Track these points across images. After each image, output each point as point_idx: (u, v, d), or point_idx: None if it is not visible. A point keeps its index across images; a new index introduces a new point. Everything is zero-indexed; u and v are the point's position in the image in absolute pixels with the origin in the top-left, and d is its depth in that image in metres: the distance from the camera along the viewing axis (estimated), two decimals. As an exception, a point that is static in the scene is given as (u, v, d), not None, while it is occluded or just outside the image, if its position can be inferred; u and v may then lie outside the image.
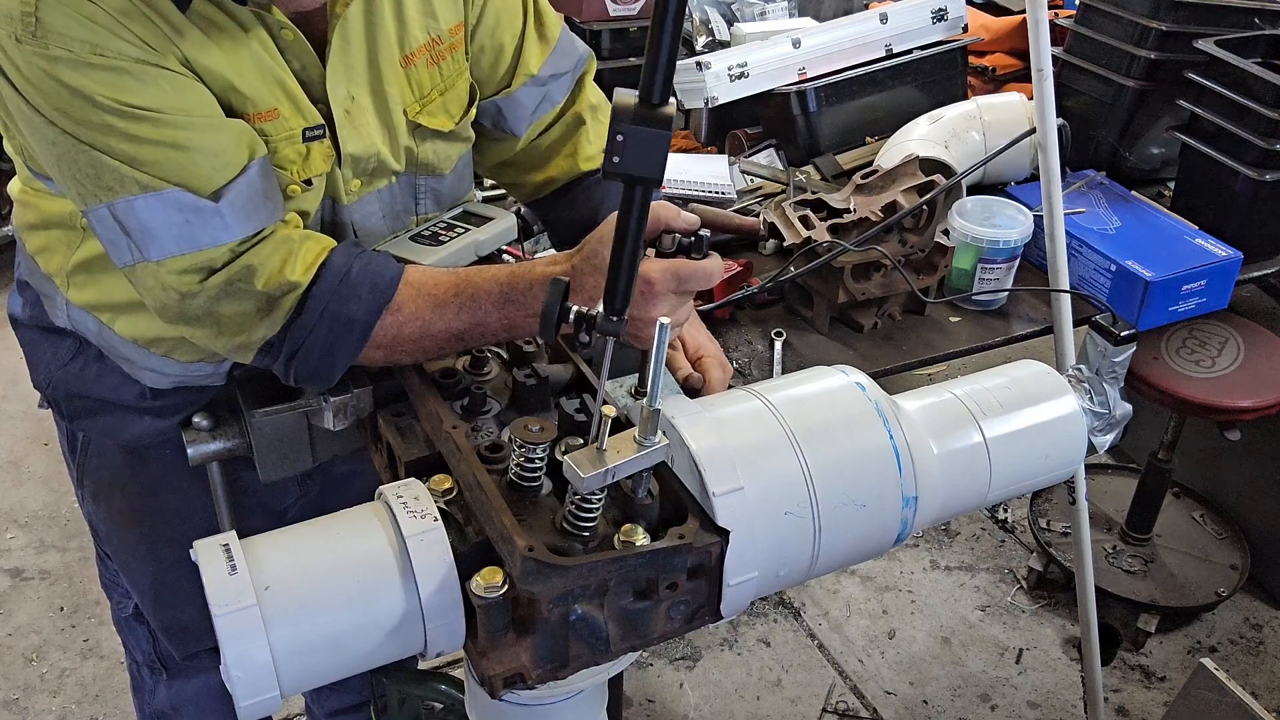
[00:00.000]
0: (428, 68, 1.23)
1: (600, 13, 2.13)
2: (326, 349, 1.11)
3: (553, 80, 1.33)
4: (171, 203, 1.03)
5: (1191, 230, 1.90)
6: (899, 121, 2.07)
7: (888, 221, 1.64)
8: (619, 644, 0.92)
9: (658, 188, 0.90)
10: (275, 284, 1.08)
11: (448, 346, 1.13)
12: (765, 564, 0.93)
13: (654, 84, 0.85)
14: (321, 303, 1.09)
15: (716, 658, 2.43)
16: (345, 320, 1.09)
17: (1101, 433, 1.17)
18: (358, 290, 1.09)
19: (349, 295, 1.09)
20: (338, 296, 1.09)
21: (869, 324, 1.73)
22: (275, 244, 1.09)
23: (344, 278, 1.09)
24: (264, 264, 1.08)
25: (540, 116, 1.35)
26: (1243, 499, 2.62)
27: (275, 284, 1.08)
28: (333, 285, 1.09)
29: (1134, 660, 2.45)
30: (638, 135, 0.85)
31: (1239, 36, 1.94)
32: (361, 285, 1.10)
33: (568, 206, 1.38)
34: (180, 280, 1.07)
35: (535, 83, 1.32)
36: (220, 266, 1.07)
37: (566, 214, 1.38)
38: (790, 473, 0.95)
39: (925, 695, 2.36)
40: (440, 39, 1.23)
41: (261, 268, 1.07)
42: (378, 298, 1.10)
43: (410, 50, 1.20)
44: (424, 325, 1.11)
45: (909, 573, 2.68)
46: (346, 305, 1.09)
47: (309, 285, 1.09)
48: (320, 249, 1.11)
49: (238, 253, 1.07)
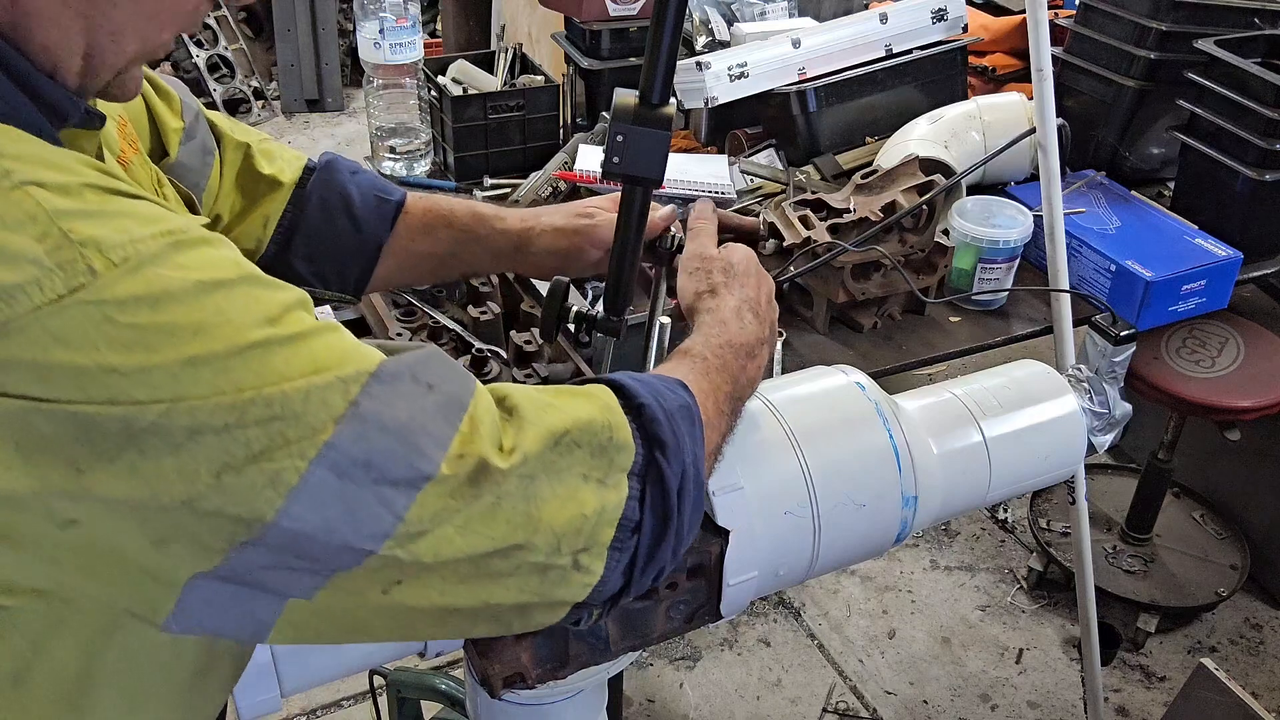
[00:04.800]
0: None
1: (600, 13, 2.13)
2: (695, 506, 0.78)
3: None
4: (390, 376, 0.65)
5: (1191, 230, 1.90)
6: (899, 121, 2.07)
7: (888, 221, 1.64)
8: (619, 644, 0.92)
9: (657, 187, 0.90)
10: (587, 427, 0.72)
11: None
12: (765, 564, 0.93)
13: (654, 84, 0.85)
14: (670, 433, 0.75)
15: (716, 658, 2.43)
16: (690, 411, 0.79)
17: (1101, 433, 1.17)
18: (674, 422, 0.76)
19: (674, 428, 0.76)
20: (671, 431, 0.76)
21: (869, 324, 1.73)
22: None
23: (647, 410, 0.75)
24: (536, 408, 0.71)
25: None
26: (1243, 499, 2.62)
27: (587, 427, 0.72)
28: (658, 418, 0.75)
29: (1134, 660, 2.45)
30: (638, 135, 0.85)
31: (1239, 36, 1.94)
32: (668, 403, 0.77)
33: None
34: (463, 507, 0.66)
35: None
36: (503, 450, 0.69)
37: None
38: (790, 472, 0.95)
39: (925, 695, 2.36)
40: None
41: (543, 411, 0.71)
42: (695, 425, 0.79)
43: None
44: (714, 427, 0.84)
45: (909, 573, 2.68)
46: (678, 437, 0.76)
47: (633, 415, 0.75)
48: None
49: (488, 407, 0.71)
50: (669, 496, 0.74)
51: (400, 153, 2.15)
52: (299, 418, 0.61)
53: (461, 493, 0.65)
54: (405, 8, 2.03)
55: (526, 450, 0.68)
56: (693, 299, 0.94)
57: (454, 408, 0.67)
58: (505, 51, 2.25)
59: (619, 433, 0.72)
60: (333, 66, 4.83)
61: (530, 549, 0.68)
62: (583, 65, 2.14)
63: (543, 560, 0.69)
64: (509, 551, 0.67)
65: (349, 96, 4.95)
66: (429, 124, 2.17)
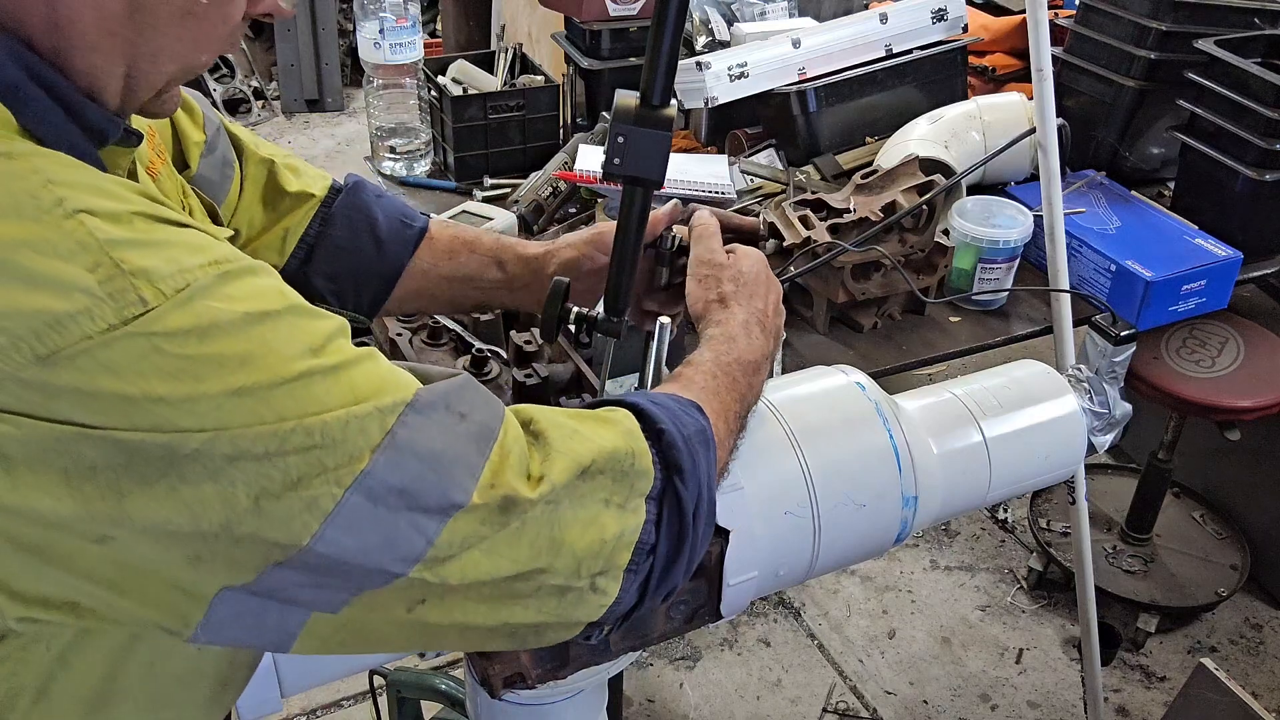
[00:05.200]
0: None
1: (600, 13, 2.13)
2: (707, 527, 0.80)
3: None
4: (426, 406, 0.66)
5: (1191, 230, 1.90)
6: (899, 121, 2.07)
7: (888, 221, 1.64)
8: (619, 644, 0.92)
9: (658, 188, 0.90)
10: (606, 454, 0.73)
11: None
12: (765, 564, 0.93)
13: (655, 85, 0.85)
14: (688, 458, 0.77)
15: (716, 658, 2.43)
16: (705, 436, 0.80)
17: (1101, 433, 1.17)
18: (691, 446, 0.78)
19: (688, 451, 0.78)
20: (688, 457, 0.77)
21: (869, 324, 1.73)
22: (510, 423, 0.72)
23: (667, 436, 0.77)
24: (559, 437, 0.73)
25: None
26: (1243, 499, 2.62)
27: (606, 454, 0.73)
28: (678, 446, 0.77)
29: (1134, 660, 2.45)
30: (639, 136, 0.86)
31: (1239, 36, 1.94)
32: (685, 427, 0.78)
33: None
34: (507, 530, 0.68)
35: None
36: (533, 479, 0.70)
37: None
38: (790, 472, 0.95)
39: (925, 695, 2.36)
40: None
41: (565, 440, 0.73)
42: (709, 449, 0.80)
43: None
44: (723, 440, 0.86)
45: (909, 573, 2.68)
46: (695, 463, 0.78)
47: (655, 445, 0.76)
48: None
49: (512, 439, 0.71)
50: (685, 519, 0.76)
51: (400, 153, 2.15)
52: (338, 446, 0.62)
53: (491, 520, 0.67)
54: (405, 8, 2.03)
55: (554, 480, 0.70)
56: (702, 308, 0.96)
57: (486, 436, 0.68)
58: (505, 51, 2.25)
59: (640, 460, 0.74)
60: (333, 66, 4.83)
61: (551, 572, 0.70)
62: (583, 65, 2.14)
63: (562, 583, 0.70)
64: (531, 574, 0.69)
65: (349, 96, 4.95)
66: (429, 124, 2.17)
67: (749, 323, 0.95)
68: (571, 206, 1.93)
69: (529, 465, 0.70)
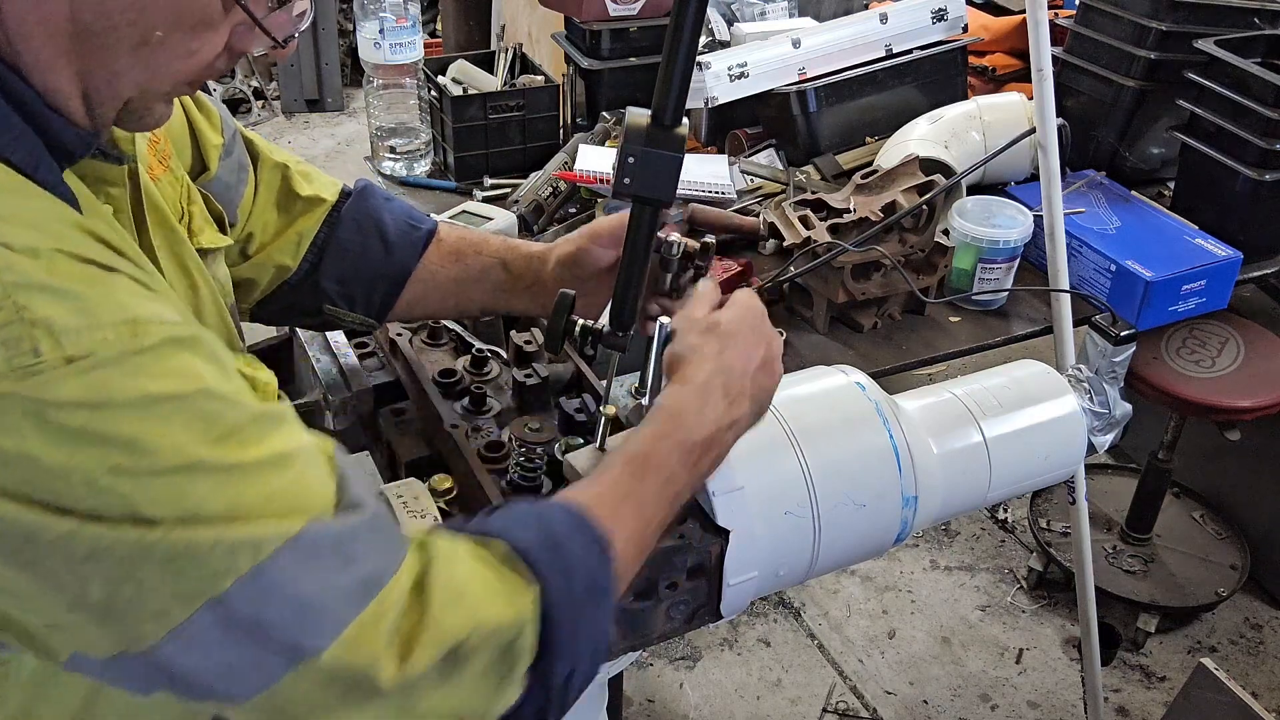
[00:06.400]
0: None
1: (600, 13, 2.13)
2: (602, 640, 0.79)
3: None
4: (309, 545, 0.64)
5: (1191, 230, 1.90)
6: (899, 121, 2.07)
7: (888, 221, 1.64)
8: (619, 644, 0.92)
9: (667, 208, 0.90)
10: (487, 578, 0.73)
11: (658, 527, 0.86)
12: (765, 564, 0.93)
13: (667, 105, 0.85)
14: (562, 587, 0.74)
15: (716, 658, 2.43)
16: (600, 589, 0.77)
17: (1101, 433, 1.17)
18: (577, 555, 0.76)
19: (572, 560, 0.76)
20: (569, 570, 0.75)
21: (869, 324, 1.73)
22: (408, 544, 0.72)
23: (554, 543, 0.75)
24: (449, 567, 0.72)
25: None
26: (1243, 499, 2.62)
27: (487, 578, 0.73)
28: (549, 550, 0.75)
29: (1134, 660, 2.45)
30: (650, 158, 0.86)
31: (1239, 36, 1.94)
32: (572, 542, 0.77)
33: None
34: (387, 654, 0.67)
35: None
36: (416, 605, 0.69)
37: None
38: (790, 472, 0.95)
39: (925, 695, 2.36)
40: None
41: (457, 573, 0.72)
42: (601, 603, 0.78)
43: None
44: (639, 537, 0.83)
45: (909, 573, 2.68)
46: (587, 572, 0.77)
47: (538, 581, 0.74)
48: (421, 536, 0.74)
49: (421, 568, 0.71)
50: (550, 692, 0.74)
51: (400, 153, 2.15)
52: (199, 567, 0.60)
53: (333, 690, 0.65)
54: (405, 8, 2.03)
55: (416, 665, 0.67)
56: (669, 361, 0.91)
57: (368, 588, 0.66)
58: (505, 51, 2.25)
59: (526, 637, 0.72)
60: (333, 66, 4.83)
61: None
62: (583, 65, 2.14)
63: None
64: None
65: (349, 96, 4.94)
66: (429, 124, 2.17)
67: (709, 386, 0.86)
68: (571, 206, 1.93)
69: (400, 630, 0.67)
